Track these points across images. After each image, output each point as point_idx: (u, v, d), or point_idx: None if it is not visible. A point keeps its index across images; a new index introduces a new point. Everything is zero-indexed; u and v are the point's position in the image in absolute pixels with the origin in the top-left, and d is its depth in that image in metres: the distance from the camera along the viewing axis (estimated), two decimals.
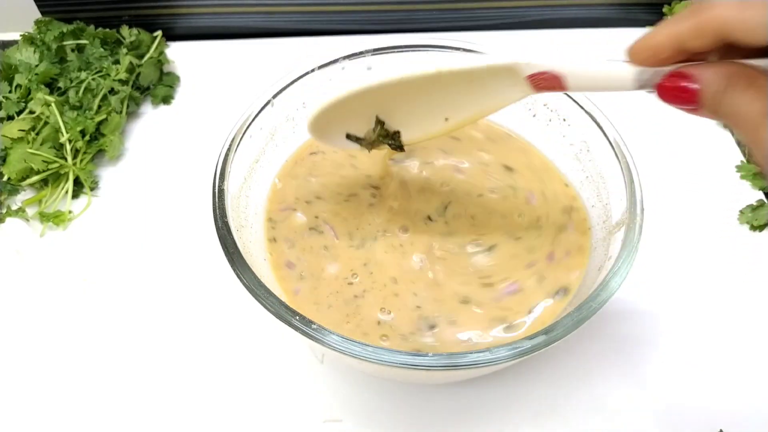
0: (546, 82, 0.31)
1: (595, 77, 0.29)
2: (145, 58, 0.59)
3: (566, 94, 0.42)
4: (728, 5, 0.23)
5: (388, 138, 0.38)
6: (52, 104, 0.53)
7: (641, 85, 0.27)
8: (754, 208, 0.51)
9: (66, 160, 0.52)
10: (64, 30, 0.58)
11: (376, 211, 0.43)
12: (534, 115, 0.45)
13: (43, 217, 0.51)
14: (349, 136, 0.38)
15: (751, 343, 0.45)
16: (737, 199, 0.52)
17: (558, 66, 0.30)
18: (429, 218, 0.42)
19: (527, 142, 0.46)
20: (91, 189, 0.54)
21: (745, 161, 0.55)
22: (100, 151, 0.55)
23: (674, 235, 0.50)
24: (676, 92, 0.25)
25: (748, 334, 0.45)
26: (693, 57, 0.25)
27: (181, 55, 0.64)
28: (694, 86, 0.25)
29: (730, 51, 0.25)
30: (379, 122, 0.37)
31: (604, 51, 0.64)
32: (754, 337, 0.45)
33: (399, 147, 0.38)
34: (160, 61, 0.61)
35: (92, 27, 0.60)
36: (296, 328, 0.32)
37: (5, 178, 0.51)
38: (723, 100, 0.24)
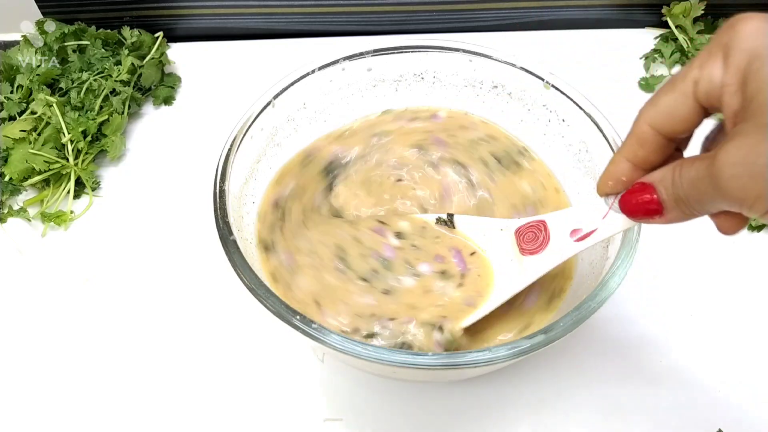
0: (532, 231, 0.36)
1: (570, 214, 0.34)
2: (147, 59, 0.59)
3: (565, 93, 0.42)
4: (646, 108, 0.26)
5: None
6: (54, 105, 0.53)
7: (609, 208, 0.30)
8: None
9: (67, 160, 0.53)
10: (66, 31, 0.58)
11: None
12: (533, 116, 0.45)
13: (45, 217, 0.51)
14: None
15: (751, 342, 0.45)
16: None
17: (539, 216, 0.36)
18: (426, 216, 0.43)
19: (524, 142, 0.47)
20: (93, 189, 0.54)
21: None
22: (102, 152, 0.56)
23: (673, 236, 0.50)
24: (638, 203, 0.28)
25: (748, 334, 0.45)
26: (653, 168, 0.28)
27: (182, 56, 0.64)
28: (649, 192, 0.27)
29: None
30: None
31: (603, 52, 0.64)
32: (753, 337, 0.45)
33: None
34: (162, 62, 0.61)
35: (93, 28, 0.60)
36: (297, 328, 0.32)
37: (7, 179, 0.51)
38: (678, 183, 0.25)
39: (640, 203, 0.28)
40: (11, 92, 0.55)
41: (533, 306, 0.39)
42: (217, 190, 0.37)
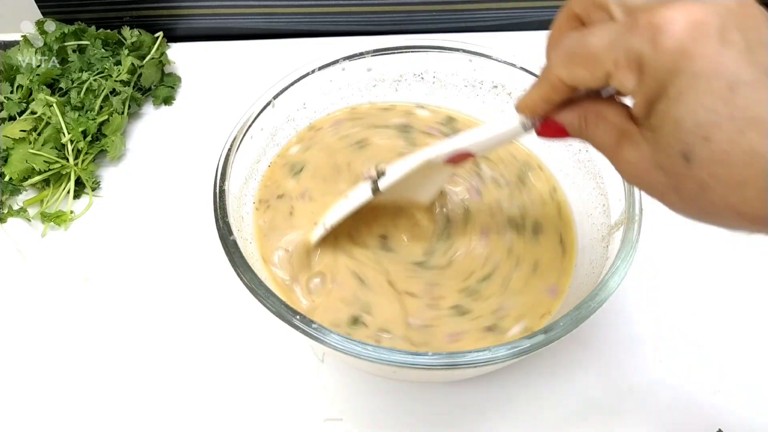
0: (460, 158, 0.36)
1: (492, 139, 0.34)
2: (147, 59, 0.59)
3: None
4: (558, 66, 0.26)
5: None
6: (54, 105, 0.53)
7: (527, 130, 0.32)
8: None
9: (67, 160, 0.53)
10: (66, 31, 0.58)
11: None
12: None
13: (45, 217, 0.51)
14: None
15: (750, 342, 0.45)
16: None
17: (460, 144, 0.35)
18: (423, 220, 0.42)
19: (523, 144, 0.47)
20: (93, 189, 0.54)
21: None
22: (102, 152, 0.56)
23: (673, 235, 0.50)
24: (551, 133, 0.30)
25: (747, 333, 0.45)
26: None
27: (182, 56, 0.64)
28: (560, 127, 0.29)
29: None
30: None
31: None
32: (753, 337, 0.45)
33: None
34: (162, 62, 0.61)
35: (93, 28, 0.60)
36: (297, 328, 0.32)
37: (7, 179, 0.51)
38: (584, 134, 0.28)
39: (555, 135, 0.30)
40: (11, 92, 0.55)
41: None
42: (217, 190, 0.37)
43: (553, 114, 0.29)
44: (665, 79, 0.22)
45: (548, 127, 0.30)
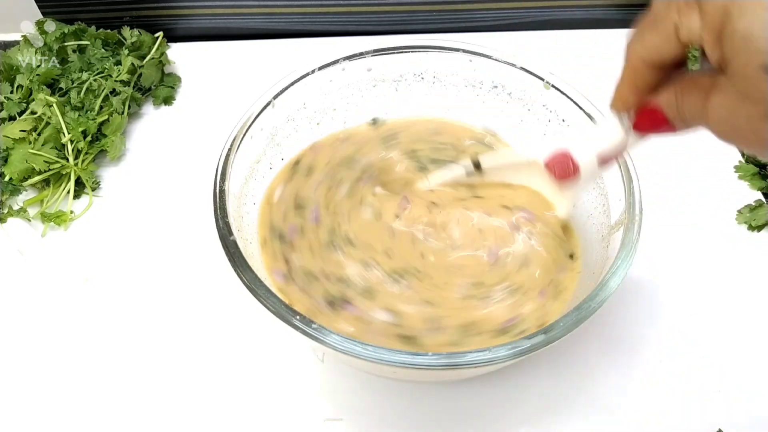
0: (560, 165, 0.37)
1: (593, 140, 0.35)
2: (147, 59, 0.59)
3: (565, 93, 0.42)
4: (633, 44, 0.27)
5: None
6: (54, 105, 0.53)
7: (627, 130, 0.32)
8: (753, 209, 0.51)
9: (67, 160, 0.53)
10: (66, 31, 0.58)
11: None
12: (533, 116, 0.45)
13: (45, 217, 0.51)
14: None
15: (750, 342, 0.45)
16: (735, 199, 0.52)
17: (565, 148, 0.36)
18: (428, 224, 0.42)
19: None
20: (93, 189, 0.54)
21: (743, 161, 0.55)
22: (102, 152, 0.56)
23: (673, 236, 0.50)
24: (649, 124, 0.30)
25: (747, 334, 0.45)
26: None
27: (182, 56, 0.64)
28: (660, 114, 0.29)
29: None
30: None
31: (603, 52, 0.64)
32: (752, 337, 0.45)
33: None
34: (162, 62, 0.61)
35: (93, 28, 0.60)
36: (297, 328, 0.32)
37: (7, 179, 0.51)
38: (681, 109, 0.28)
39: (653, 126, 0.29)
40: (11, 92, 0.55)
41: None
42: (217, 190, 0.37)
43: (646, 102, 0.29)
44: (724, 3, 0.23)
45: (644, 117, 0.30)
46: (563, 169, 0.37)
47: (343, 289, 0.39)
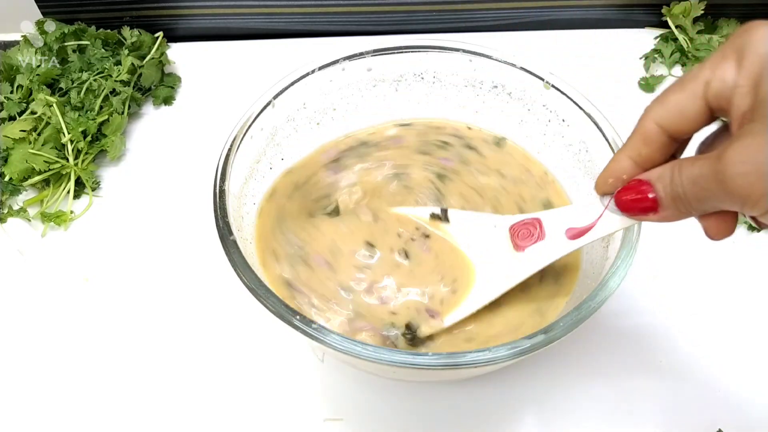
0: (526, 228, 0.36)
1: (566, 212, 0.35)
2: (147, 59, 0.59)
3: (565, 93, 0.42)
4: (652, 107, 0.27)
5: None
6: (54, 105, 0.53)
7: (605, 207, 0.31)
8: None
9: (67, 160, 0.53)
10: (66, 31, 0.58)
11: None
12: (533, 116, 0.45)
13: (45, 217, 0.51)
14: None
15: (750, 342, 0.45)
16: None
17: (534, 214, 0.36)
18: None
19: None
20: (93, 189, 0.54)
21: None
22: (102, 152, 0.56)
23: (673, 236, 0.50)
24: (634, 201, 0.28)
25: (747, 334, 0.45)
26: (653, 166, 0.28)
27: (182, 56, 0.64)
28: (646, 187, 0.27)
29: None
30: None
31: (603, 52, 0.64)
32: (752, 337, 0.45)
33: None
34: (162, 62, 0.61)
35: (93, 28, 0.60)
36: (297, 328, 0.32)
37: (7, 179, 0.51)
38: (677, 181, 0.26)
39: (635, 200, 0.28)
40: (11, 92, 0.55)
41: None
42: (217, 190, 0.37)
43: (636, 177, 0.28)
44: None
45: (628, 192, 0.28)
46: (528, 231, 0.36)
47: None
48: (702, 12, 0.62)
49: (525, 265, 0.36)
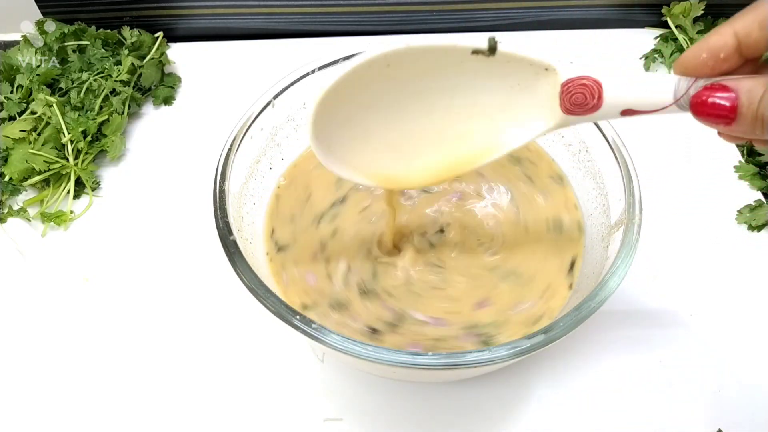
0: (582, 91, 0.30)
1: (632, 89, 0.29)
2: (147, 59, 0.59)
3: None
4: (733, 19, 0.23)
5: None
6: (54, 105, 0.53)
7: (676, 100, 0.27)
8: (753, 209, 0.51)
9: (67, 160, 0.53)
10: (66, 31, 0.58)
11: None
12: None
13: (45, 217, 0.51)
14: None
15: (750, 342, 0.45)
16: (735, 199, 0.52)
17: (598, 73, 0.30)
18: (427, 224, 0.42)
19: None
20: (93, 189, 0.54)
21: (743, 161, 0.55)
22: (102, 152, 0.56)
23: (673, 235, 0.50)
24: (711, 106, 0.25)
25: (747, 333, 0.45)
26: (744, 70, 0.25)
27: (182, 56, 0.64)
28: (732, 96, 0.24)
29: None
30: None
31: (603, 52, 0.64)
32: (752, 337, 0.45)
33: None
34: (162, 62, 0.61)
35: (93, 28, 0.60)
36: (297, 328, 0.32)
37: (7, 179, 0.51)
38: (762, 108, 0.23)
39: (716, 105, 0.25)
40: (11, 92, 0.55)
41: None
42: (217, 190, 0.37)
43: (722, 79, 0.25)
44: None
45: (710, 94, 0.25)
46: (584, 96, 0.30)
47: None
48: (702, 12, 0.62)
49: (561, 123, 0.31)
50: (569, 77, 0.30)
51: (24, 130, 0.52)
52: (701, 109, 0.25)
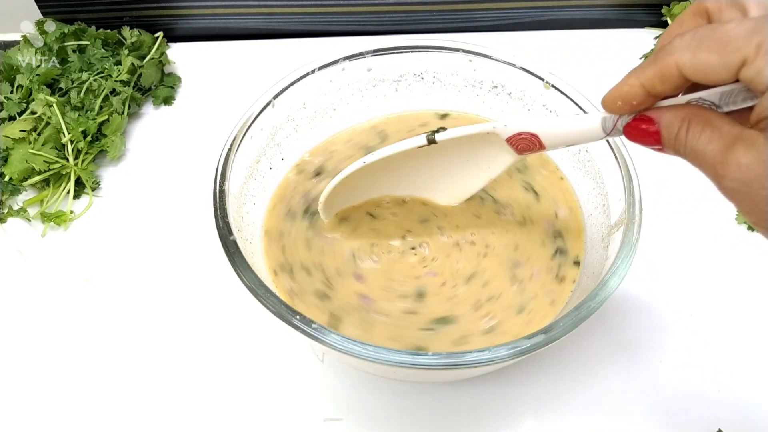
0: (524, 142, 0.34)
1: (566, 132, 0.33)
2: (147, 59, 0.59)
3: (565, 94, 0.42)
4: (682, 50, 0.24)
5: None
6: (54, 105, 0.53)
7: (608, 133, 0.30)
8: None
9: (67, 160, 0.53)
10: (66, 31, 0.58)
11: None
12: (533, 116, 0.45)
13: (45, 217, 0.51)
14: None
15: (750, 342, 0.45)
16: None
17: (532, 126, 0.34)
18: (426, 220, 0.42)
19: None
20: (93, 189, 0.54)
21: None
22: (102, 152, 0.56)
23: (672, 235, 0.50)
24: (640, 135, 0.28)
25: (746, 333, 0.45)
26: (665, 97, 0.27)
27: (182, 56, 0.64)
28: (655, 128, 0.27)
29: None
30: None
31: (603, 52, 0.64)
32: (752, 337, 0.45)
33: None
34: (162, 62, 0.61)
35: (93, 28, 0.60)
36: (297, 328, 0.32)
37: (7, 179, 0.51)
38: (681, 141, 0.26)
39: (644, 136, 0.28)
40: (11, 92, 0.55)
41: None
42: (217, 190, 0.37)
43: (649, 111, 0.27)
44: None
45: (637, 125, 0.27)
46: (528, 144, 0.34)
47: None
48: None
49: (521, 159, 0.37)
50: (508, 136, 0.35)
51: (24, 130, 0.52)
52: (633, 138, 0.28)
